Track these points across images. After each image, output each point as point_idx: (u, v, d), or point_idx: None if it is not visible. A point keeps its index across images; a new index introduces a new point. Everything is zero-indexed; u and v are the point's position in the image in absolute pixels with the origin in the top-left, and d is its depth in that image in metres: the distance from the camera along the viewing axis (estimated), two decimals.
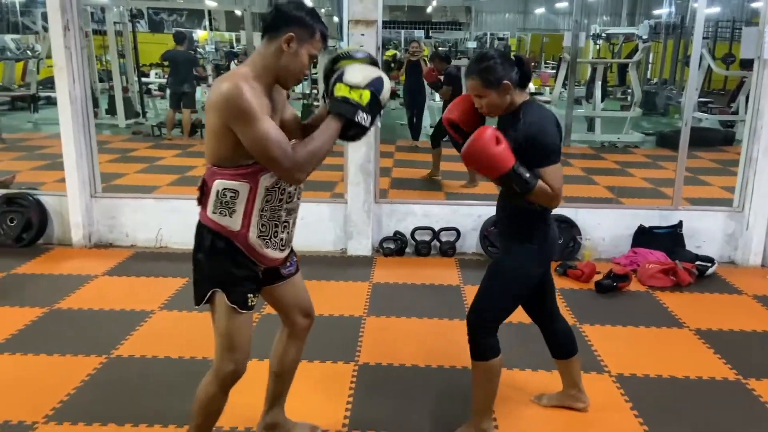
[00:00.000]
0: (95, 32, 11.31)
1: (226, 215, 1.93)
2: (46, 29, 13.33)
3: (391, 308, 3.77)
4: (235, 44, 19.01)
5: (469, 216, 4.84)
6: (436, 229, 4.81)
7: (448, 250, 4.79)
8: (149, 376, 2.94)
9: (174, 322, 3.54)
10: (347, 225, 4.74)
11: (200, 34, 19.31)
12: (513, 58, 2.24)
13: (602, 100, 10.82)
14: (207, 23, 20.01)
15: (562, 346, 2.59)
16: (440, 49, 17.75)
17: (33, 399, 2.69)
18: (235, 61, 14.08)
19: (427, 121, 9.99)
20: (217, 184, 1.92)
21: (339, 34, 10.85)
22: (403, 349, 3.25)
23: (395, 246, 4.78)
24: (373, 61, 2.05)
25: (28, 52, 14.17)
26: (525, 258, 2.31)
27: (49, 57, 12.87)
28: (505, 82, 2.17)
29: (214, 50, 17.04)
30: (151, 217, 4.82)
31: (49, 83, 12.71)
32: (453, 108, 2.35)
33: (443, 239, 4.82)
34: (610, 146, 9.72)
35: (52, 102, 12.19)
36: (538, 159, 2.16)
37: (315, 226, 4.77)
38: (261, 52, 1.93)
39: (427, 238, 4.82)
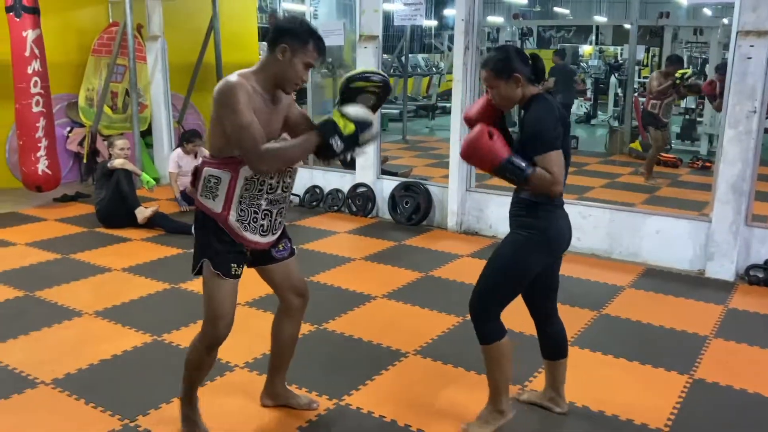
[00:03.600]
0: (488, 50, 12.69)
1: (210, 198, 2.22)
2: (450, 49, 15.52)
3: (745, 335, 3.51)
4: (619, 57, 18.76)
5: None
6: None
7: None
8: None
9: (518, 305, 3.99)
10: (708, 245, 4.49)
11: (586, 49, 19.63)
12: (527, 55, 2.35)
13: None
14: (593, 38, 20.20)
15: (552, 347, 2.60)
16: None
17: (406, 336, 3.46)
18: (616, 74, 13.96)
19: None
20: (205, 171, 2.24)
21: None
22: (749, 376, 3.05)
23: (764, 275, 4.32)
24: (386, 85, 2.27)
25: (434, 68, 16.69)
26: (523, 245, 2.36)
27: (449, 73, 14.90)
28: (515, 74, 2.28)
29: (596, 64, 17.16)
30: None
31: (445, 95, 14.78)
32: (472, 106, 2.51)
33: None
34: None
35: (446, 111, 14.15)
36: (534, 147, 2.25)
37: (671, 242, 4.66)
38: (262, 61, 2.22)
39: None
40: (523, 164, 2.22)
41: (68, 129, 7.19)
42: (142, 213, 5.41)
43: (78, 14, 7.39)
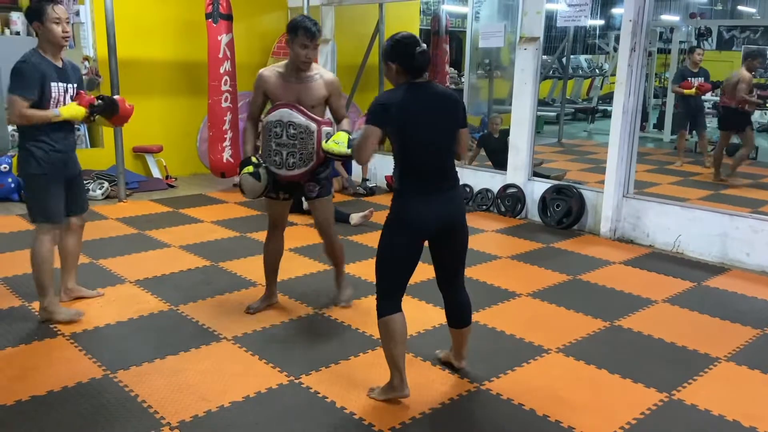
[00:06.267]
0: (660, 51, 11.97)
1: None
2: (615, 50, 14.80)
3: None
4: None
5: None
6: None
7: None
8: (639, 346, 3.40)
9: (672, 315, 3.86)
10: None
11: None
12: (414, 52, 2.56)
13: None
14: None
15: (455, 317, 2.90)
16: None
17: (550, 333, 3.50)
18: None
19: None
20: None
21: None
22: None
23: None
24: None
25: (596, 70, 16.03)
26: (387, 228, 2.67)
27: (612, 75, 14.24)
28: (389, 62, 2.63)
29: None
30: (673, 222, 5.15)
31: (607, 98, 14.16)
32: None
33: None
34: None
35: (606, 115, 13.56)
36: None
37: None
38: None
39: None
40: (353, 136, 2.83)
41: None
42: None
43: (261, 20, 8.21)
